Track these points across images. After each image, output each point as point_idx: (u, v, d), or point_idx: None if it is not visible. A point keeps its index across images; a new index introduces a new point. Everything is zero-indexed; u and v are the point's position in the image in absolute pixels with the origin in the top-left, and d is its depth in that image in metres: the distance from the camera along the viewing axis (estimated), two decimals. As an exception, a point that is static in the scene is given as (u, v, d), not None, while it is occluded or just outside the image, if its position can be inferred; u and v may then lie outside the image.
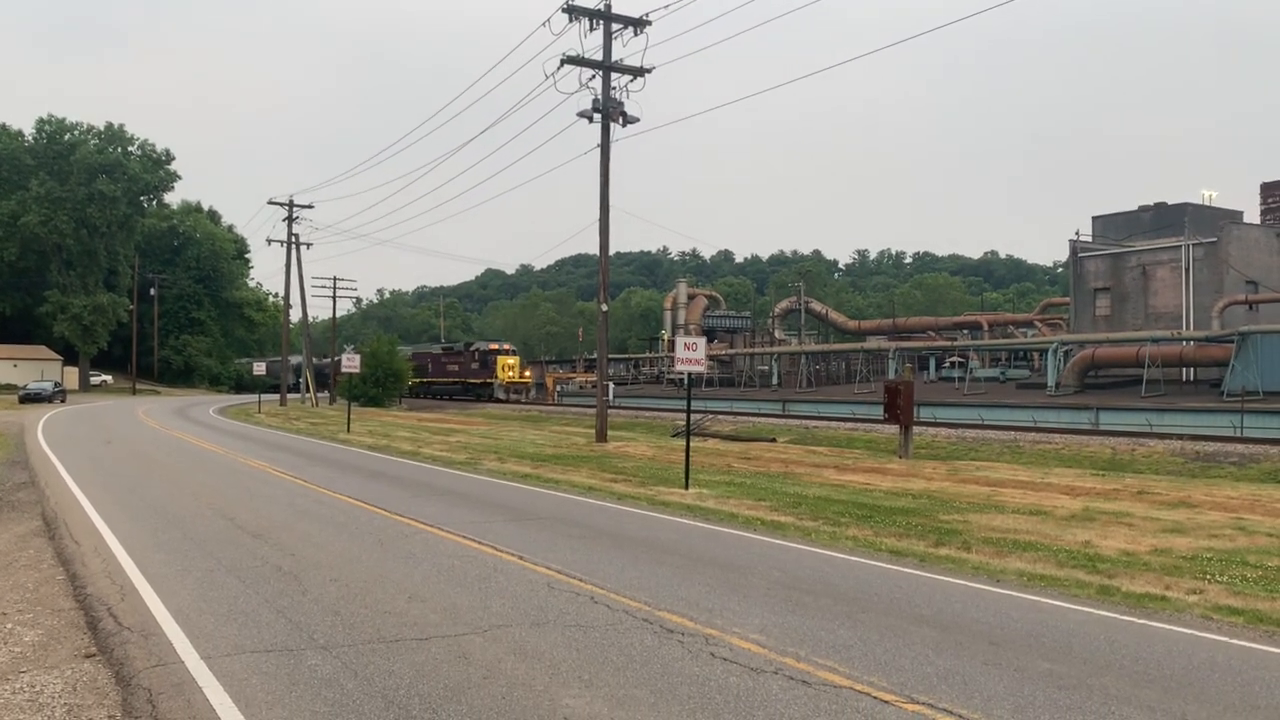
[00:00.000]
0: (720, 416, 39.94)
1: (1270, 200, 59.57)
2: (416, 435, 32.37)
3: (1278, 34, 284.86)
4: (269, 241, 66.15)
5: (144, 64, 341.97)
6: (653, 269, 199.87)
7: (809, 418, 40.23)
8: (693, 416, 25.70)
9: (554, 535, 12.18)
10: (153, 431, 34.45)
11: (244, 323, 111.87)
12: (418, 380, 70.72)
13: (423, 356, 74.25)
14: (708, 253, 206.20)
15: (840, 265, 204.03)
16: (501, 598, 8.56)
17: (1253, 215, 59.94)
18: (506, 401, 59.24)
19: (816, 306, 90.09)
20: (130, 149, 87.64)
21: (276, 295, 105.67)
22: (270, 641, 7.15)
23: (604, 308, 30.48)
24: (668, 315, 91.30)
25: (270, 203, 62.67)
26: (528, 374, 66.83)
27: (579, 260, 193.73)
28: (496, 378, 62.64)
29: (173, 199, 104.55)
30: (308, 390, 67.66)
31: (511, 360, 64.12)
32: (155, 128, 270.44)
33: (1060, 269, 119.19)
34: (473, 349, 67.31)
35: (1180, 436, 26.51)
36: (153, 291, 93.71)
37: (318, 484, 17.91)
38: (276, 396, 64.47)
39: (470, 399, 63.92)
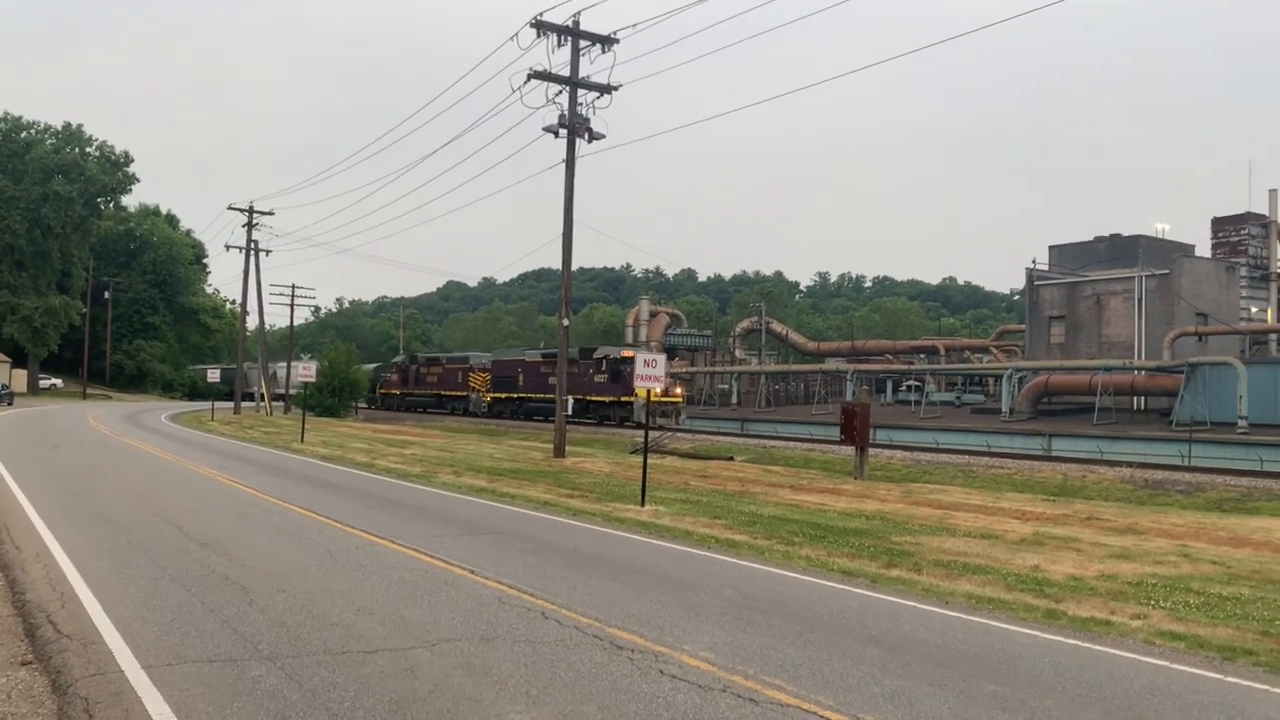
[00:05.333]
0: (679, 434, 40.00)
1: (1220, 234, 60.87)
2: (371, 447, 32.09)
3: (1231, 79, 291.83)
4: (228, 247, 64.31)
5: (105, 64, 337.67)
6: (616, 285, 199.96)
7: (767, 437, 40.41)
8: (651, 434, 25.70)
9: (507, 550, 12.11)
10: (102, 437, 33.85)
11: (200, 329, 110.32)
12: (498, 395, 56.85)
13: (509, 365, 57.84)
14: (671, 271, 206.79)
15: (801, 287, 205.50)
16: (451, 612, 8.49)
17: (1204, 249, 61.21)
18: (653, 429, 44.46)
19: (777, 327, 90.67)
20: (88, 150, 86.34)
21: (234, 302, 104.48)
22: (214, 651, 7.04)
23: (565, 322, 30.46)
24: (629, 332, 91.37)
25: (230, 208, 62.20)
26: (679, 391, 49.93)
27: (542, 274, 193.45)
28: (635, 395, 44.86)
29: (130, 202, 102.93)
30: (262, 399, 66.87)
31: None
32: (114, 129, 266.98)
33: (1017, 296, 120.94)
34: (597, 356, 50.25)
35: (1130, 464, 26.93)
36: (107, 295, 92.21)
37: (269, 494, 17.68)
38: (230, 404, 63.61)
39: (592, 422, 47.93)
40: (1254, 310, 58.50)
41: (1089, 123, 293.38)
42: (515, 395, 55.41)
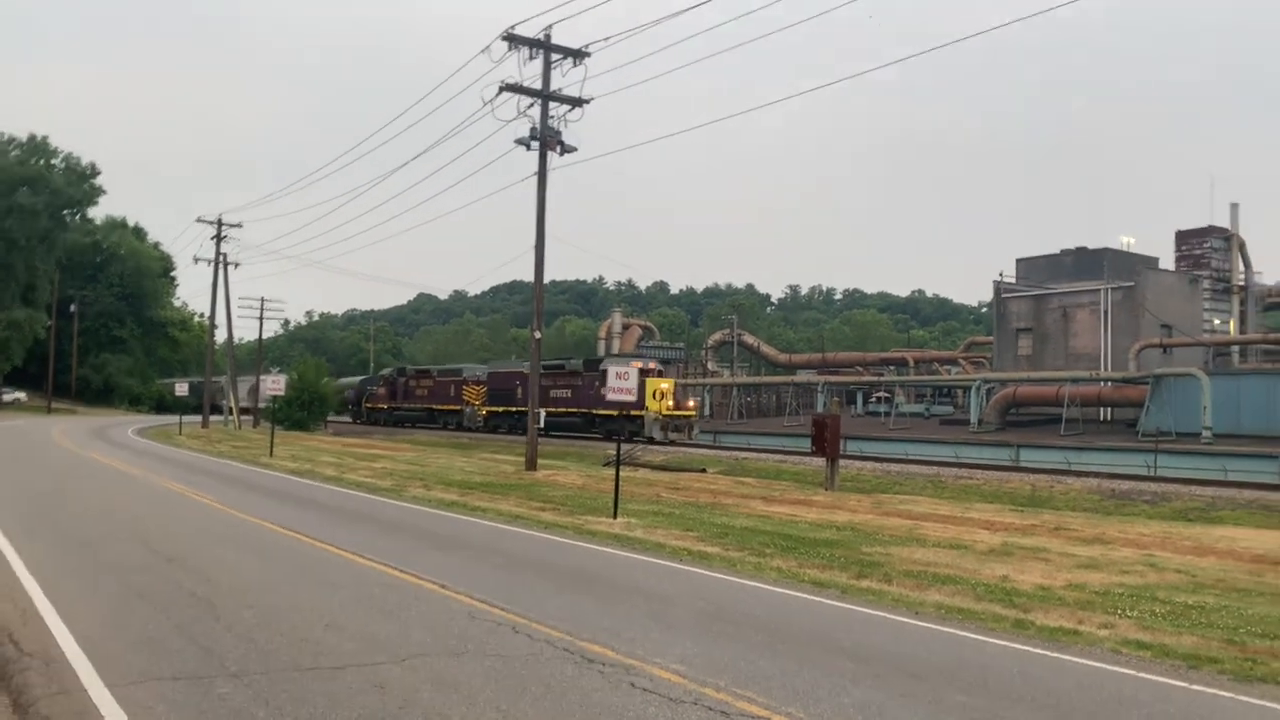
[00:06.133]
0: (651, 446, 39.97)
1: (1184, 247, 61.75)
2: (341, 460, 31.86)
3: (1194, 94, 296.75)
4: (196, 260, 63.17)
5: (72, 73, 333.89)
6: (588, 298, 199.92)
7: (739, 449, 40.45)
8: (624, 446, 25.66)
9: (478, 564, 12.06)
10: (67, 452, 33.40)
11: (168, 342, 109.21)
12: (494, 409, 52.99)
13: (506, 377, 53.09)
14: (643, 283, 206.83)
15: (773, 300, 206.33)
16: (421, 626, 8.44)
17: (1168, 261, 62.06)
18: (665, 444, 40.64)
19: (749, 339, 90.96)
20: (54, 161, 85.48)
21: (202, 315, 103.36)
22: (180, 669, 6.95)
23: (537, 335, 30.41)
24: (602, 345, 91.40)
25: (199, 220, 61.64)
26: (692, 404, 46.99)
27: (514, 287, 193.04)
28: (646, 409, 42.06)
29: (97, 214, 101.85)
30: (230, 412, 66.24)
31: (665, 384, 43.66)
32: (81, 140, 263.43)
33: (984, 309, 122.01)
34: (602, 368, 43.91)
35: (1097, 475, 27.18)
36: (73, 308, 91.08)
37: (237, 508, 17.51)
38: (198, 418, 62.94)
39: (597, 437, 44.64)
40: (1217, 322, 59.35)
41: (1057, 136, 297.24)
42: (514, 409, 50.72)
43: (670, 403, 43.13)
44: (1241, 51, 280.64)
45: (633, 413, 41.66)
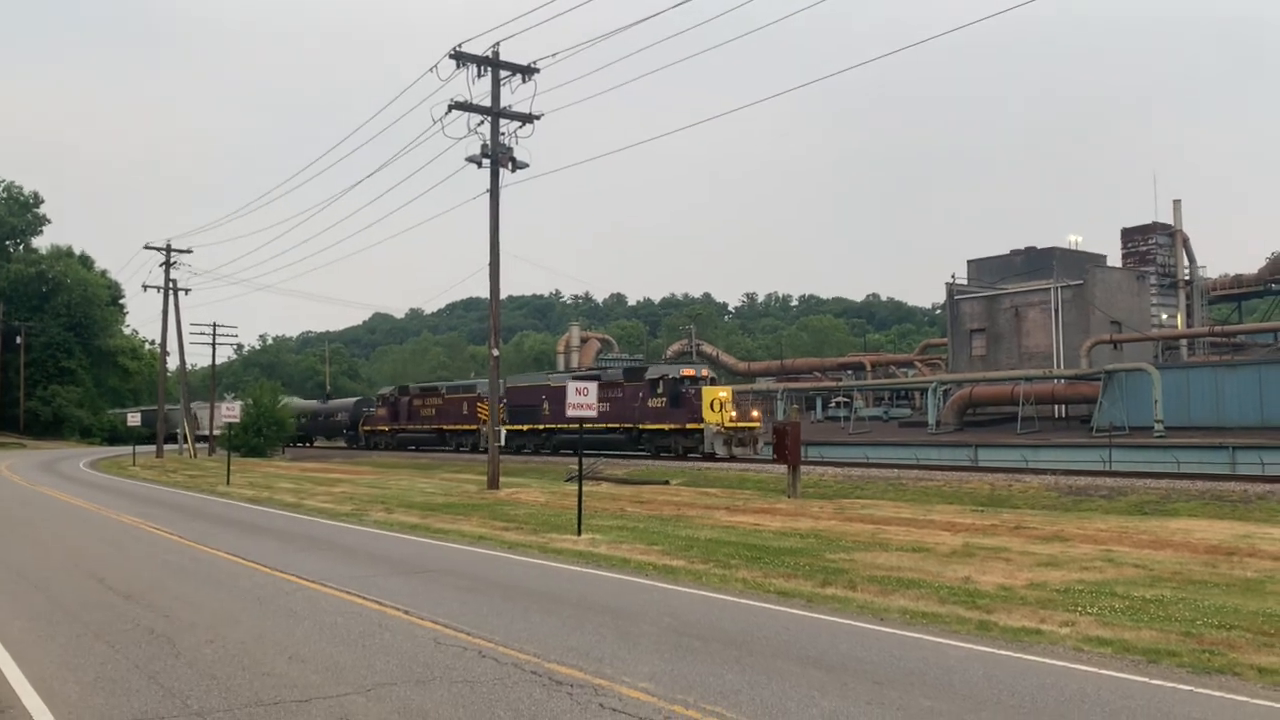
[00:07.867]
0: (614, 460, 39.91)
1: (1130, 244, 62.96)
2: (300, 486, 31.49)
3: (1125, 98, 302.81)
4: (145, 287, 61.91)
5: (8, 99, 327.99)
6: (545, 312, 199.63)
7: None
8: (586, 460, 25.58)
9: (442, 588, 11.97)
10: (16, 487, 32.71)
11: (118, 371, 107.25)
12: (515, 427, 46.21)
13: (529, 392, 46.56)
14: (600, 295, 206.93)
15: (730, 308, 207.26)
16: (386, 655, 8.36)
17: (1115, 259, 63.22)
18: (727, 460, 36.25)
19: (708, 349, 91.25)
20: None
21: (153, 342, 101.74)
22: (140, 709, 6.83)
23: (495, 352, 30.26)
24: (561, 359, 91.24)
25: (147, 247, 60.58)
26: (756, 415, 40.84)
27: (470, 304, 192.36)
28: (705, 421, 37.72)
29: (42, 243, 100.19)
30: (185, 441, 65.19)
31: (723, 393, 39.03)
32: (22, 168, 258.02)
33: (938, 311, 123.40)
34: (651, 377, 40.94)
35: (1054, 471, 27.54)
36: (19, 340, 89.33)
37: (194, 540, 17.24)
38: (152, 448, 61.88)
39: (644, 456, 39.90)
40: (1164, 317, 60.57)
41: (1001, 137, 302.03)
42: (540, 427, 45.41)
43: (733, 413, 38.37)
44: (1176, 49, 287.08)
45: (689, 426, 38.31)
